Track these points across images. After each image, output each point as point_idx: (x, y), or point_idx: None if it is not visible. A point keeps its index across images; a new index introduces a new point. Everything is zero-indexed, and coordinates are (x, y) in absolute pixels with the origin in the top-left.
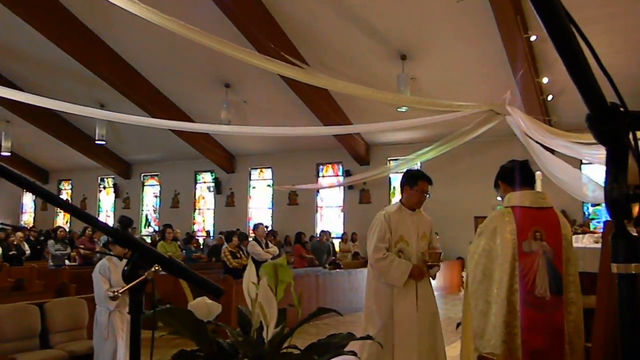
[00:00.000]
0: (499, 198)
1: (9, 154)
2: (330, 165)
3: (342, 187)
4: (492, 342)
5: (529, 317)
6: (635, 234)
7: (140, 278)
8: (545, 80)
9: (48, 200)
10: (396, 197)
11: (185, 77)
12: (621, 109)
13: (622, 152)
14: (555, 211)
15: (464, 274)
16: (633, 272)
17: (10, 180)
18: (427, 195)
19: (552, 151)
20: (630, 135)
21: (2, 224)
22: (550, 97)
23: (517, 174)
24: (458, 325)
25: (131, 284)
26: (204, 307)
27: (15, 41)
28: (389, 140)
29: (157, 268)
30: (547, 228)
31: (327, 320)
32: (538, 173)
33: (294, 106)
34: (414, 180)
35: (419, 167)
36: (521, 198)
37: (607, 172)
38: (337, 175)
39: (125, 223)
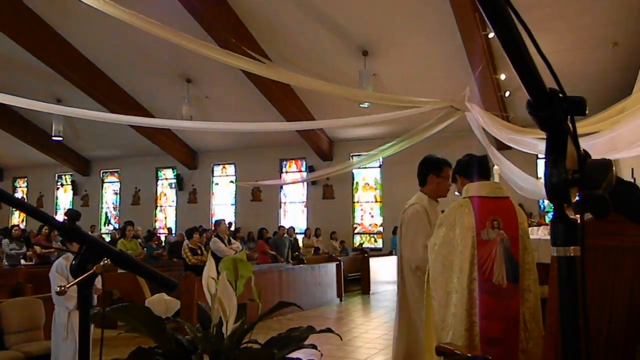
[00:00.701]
0: (456, 193)
1: None
2: (293, 161)
3: (305, 183)
4: (452, 332)
5: (487, 305)
6: (574, 218)
7: (89, 272)
8: (502, 76)
9: None
10: (359, 192)
11: (145, 72)
12: (560, 94)
13: (561, 138)
14: (512, 201)
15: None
16: (572, 254)
17: None
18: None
19: (508, 147)
20: (569, 121)
21: None
22: (507, 94)
23: (473, 166)
24: None
25: (79, 279)
26: (162, 303)
27: None
28: (352, 136)
29: (106, 262)
30: (504, 217)
31: (291, 315)
32: (496, 167)
33: (256, 102)
34: (439, 166)
35: (380, 163)
36: (479, 188)
37: (546, 157)
38: (301, 171)
39: (74, 216)
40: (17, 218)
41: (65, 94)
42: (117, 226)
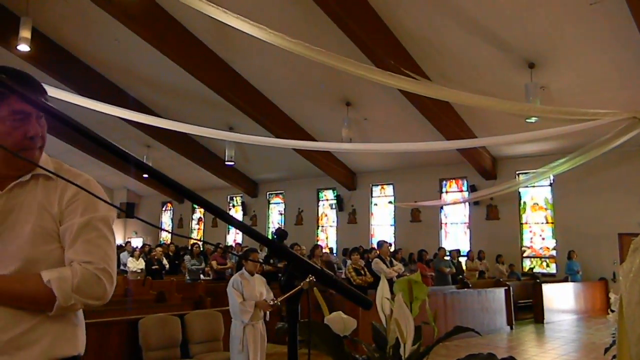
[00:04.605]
0: None
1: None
2: (454, 181)
3: (467, 203)
4: None
5: None
6: None
7: (297, 288)
8: None
9: (213, 212)
10: (527, 213)
11: (307, 97)
12: None
13: None
14: None
15: (611, 295)
16: None
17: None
18: None
19: None
20: None
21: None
22: None
23: None
24: (606, 350)
25: (288, 294)
26: (340, 321)
27: (154, 72)
28: (517, 153)
29: (311, 278)
30: None
31: (457, 342)
32: None
33: (415, 121)
34: None
35: (551, 181)
36: None
37: None
38: (462, 191)
39: (282, 235)
40: (196, 236)
41: (236, 122)
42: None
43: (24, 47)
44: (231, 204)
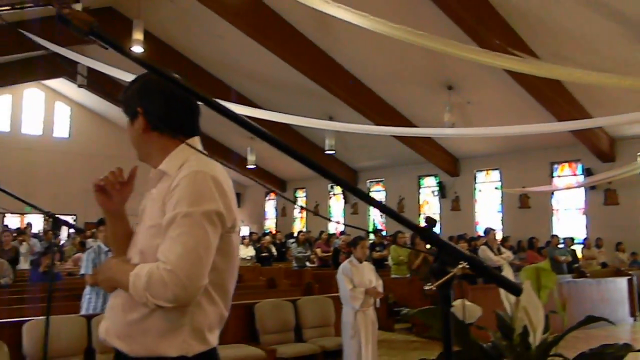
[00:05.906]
0: None
1: (255, 166)
2: (566, 164)
3: (582, 188)
4: None
5: None
6: None
7: (449, 274)
8: None
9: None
10: None
11: (406, 82)
12: None
13: None
14: None
15: None
16: None
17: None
18: None
19: None
20: None
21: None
22: None
23: None
24: None
25: (442, 280)
26: (464, 308)
27: (255, 65)
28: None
29: (463, 265)
30: None
31: (576, 333)
32: None
33: (522, 103)
34: None
35: None
36: None
37: None
38: (575, 175)
39: (432, 223)
40: (299, 224)
41: (336, 111)
42: (385, 234)
43: (137, 49)
44: (332, 193)
